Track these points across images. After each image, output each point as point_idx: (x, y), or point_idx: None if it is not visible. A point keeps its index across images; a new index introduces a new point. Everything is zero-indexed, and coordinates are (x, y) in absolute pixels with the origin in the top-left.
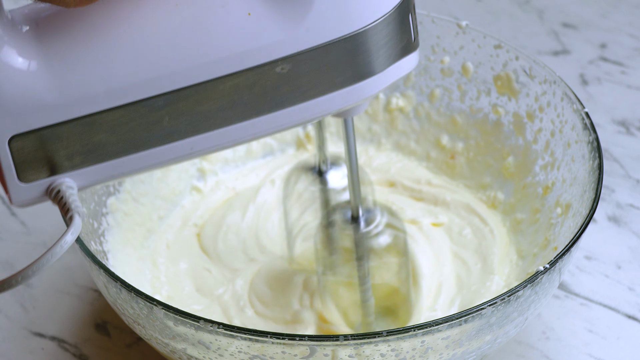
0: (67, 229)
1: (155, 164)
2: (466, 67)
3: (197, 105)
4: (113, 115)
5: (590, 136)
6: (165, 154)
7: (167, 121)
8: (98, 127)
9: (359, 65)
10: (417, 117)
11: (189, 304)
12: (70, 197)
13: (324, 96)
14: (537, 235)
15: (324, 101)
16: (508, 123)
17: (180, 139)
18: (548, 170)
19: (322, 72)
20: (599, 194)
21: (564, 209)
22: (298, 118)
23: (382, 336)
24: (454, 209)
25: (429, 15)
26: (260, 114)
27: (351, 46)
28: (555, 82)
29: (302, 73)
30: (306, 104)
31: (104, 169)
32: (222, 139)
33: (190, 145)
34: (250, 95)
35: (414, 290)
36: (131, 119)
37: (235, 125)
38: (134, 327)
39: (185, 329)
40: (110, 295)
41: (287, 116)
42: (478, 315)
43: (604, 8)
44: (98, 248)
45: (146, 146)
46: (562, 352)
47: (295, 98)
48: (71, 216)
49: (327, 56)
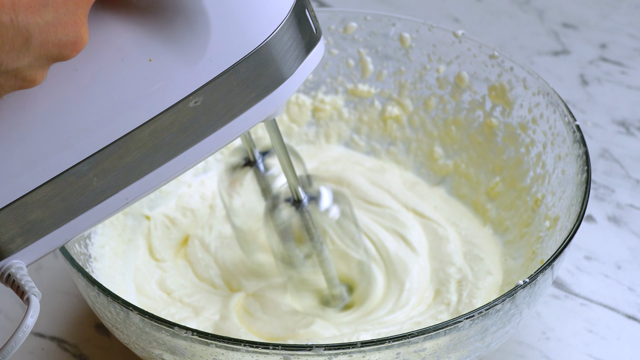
0: (27, 313)
1: (94, 222)
2: (461, 77)
3: (122, 160)
4: (43, 191)
5: (580, 149)
6: (102, 211)
7: (97, 182)
8: (31, 206)
9: (269, 76)
10: (412, 126)
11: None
12: (23, 279)
13: (243, 113)
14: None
15: (244, 118)
16: (501, 134)
17: (113, 194)
18: (539, 183)
19: (235, 94)
20: (585, 209)
21: (552, 222)
22: (223, 140)
23: (357, 347)
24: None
25: (425, 24)
26: (186, 148)
27: (257, 61)
28: (549, 94)
29: (215, 100)
30: (227, 126)
31: (47, 241)
32: (154, 182)
33: (124, 196)
34: (170, 135)
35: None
36: (61, 190)
37: (164, 165)
38: (113, 331)
39: (161, 335)
40: (90, 299)
41: (212, 142)
42: (455, 328)
43: (604, 8)
44: (82, 251)
45: (82, 210)
46: (562, 352)
47: (215, 124)
48: (28, 298)
49: (236, 77)
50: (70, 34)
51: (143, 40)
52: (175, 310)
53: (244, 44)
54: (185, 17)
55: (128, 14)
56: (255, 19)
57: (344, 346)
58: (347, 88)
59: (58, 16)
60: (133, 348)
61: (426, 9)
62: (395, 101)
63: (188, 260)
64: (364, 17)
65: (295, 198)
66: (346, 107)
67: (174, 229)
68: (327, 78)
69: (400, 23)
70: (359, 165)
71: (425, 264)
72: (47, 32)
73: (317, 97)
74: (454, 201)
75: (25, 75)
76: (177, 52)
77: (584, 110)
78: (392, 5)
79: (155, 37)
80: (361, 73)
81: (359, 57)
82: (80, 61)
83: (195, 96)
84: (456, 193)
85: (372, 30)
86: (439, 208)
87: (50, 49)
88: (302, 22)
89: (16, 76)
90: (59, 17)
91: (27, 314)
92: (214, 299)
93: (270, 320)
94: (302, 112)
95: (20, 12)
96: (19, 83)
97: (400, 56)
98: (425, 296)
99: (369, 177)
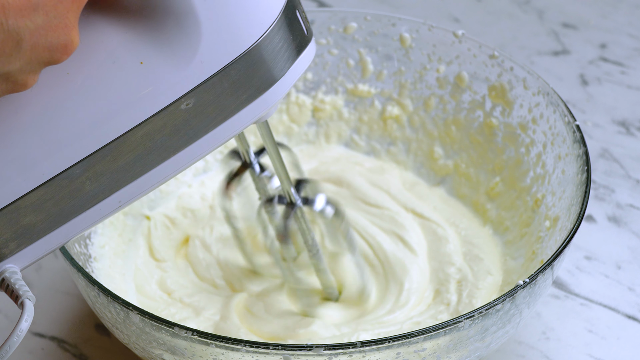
0: (21, 317)
1: (88, 226)
2: (461, 77)
3: (114, 163)
4: (35, 195)
5: (580, 149)
6: (95, 215)
7: (89, 185)
8: (24, 210)
9: (260, 77)
10: (412, 126)
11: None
12: (17, 283)
13: (235, 115)
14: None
15: (236, 120)
16: (501, 134)
17: (106, 197)
18: (539, 183)
19: (227, 95)
20: (585, 209)
21: (552, 222)
22: (216, 142)
23: (357, 347)
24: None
25: (425, 24)
26: (178, 150)
27: (248, 63)
28: (549, 94)
29: (207, 102)
30: (219, 128)
31: (40, 245)
32: (147, 184)
33: (117, 199)
34: (163, 137)
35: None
36: (54, 193)
37: (156, 168)
38: (113, 331)
39: (161, 335)
40: (90, 299)
41: (205, 143)
42: (455, 328)
43: (604, 8)
44: (82, 250)
45: (75, 213)
46: (562, 352)
47: (207, 126)
48: (22, 302)
49: (227, 79)
50: (61, 38)
51: (134, 43)
52: (175, 311)
53: (235, 45)
54: (176, 19)
55: (119, 17)
56: (246, 20)
57: (344, 346)
58: (347, 88)
59: (49, 19)
60: (133, 348)
61: (426, 9)
62: (395, 101)
63: (189, 260)
64: (364, 17)
65: (288, 200)
66: (346, 107)
67: (174, 229)
68: (327, 78)
69: (400, 23)
70: (358, 165)
71: (424, 264)
72: (37, 36)
73: (317, 97)
74: (453, 201)
75: (17, 79)
76: (168, 54)
77: (584, 110)
78: (392, 5)
79: (146, 40)
80: (361, 73)
81: (359, 57)
82: (72, 64)
83: (187, 98)
84: (456, 193)
85: (372, 30)
86: (439, 208)
87: (41, 53)
88: (293, 23)
89: (7, 80)
90: (50, 21)
91: (22, 318)
92: (214, 299)
93: (272, 320)
94: (302, 112)
95: (10, 15)
96: (10, 87)
97: (400, 56)
98: (424, 296)
99: (368, 177)
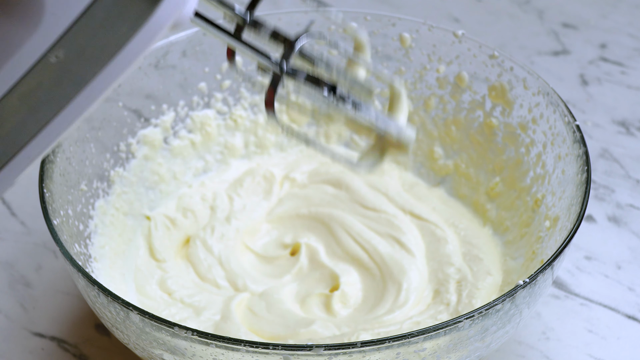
0: None
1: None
2: (461, 77)
3: (1, 129)
4: None
5: (580, 149)
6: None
7: None
8: None
9: (136, 5)
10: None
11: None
12: None
13: (121, 51)
14: (525, 248)
15: (124, 55)
16: (501, 134)
17: (10, 160)
18: (539, 183)
19: (103, 35)
20: (585, 209)
21: (552, 222)
22: (117, 73)
23: (357, 347)
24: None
25: (425, 24)
26: (73, 97)
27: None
28: (549, 94)
29: (82, 47)
30: (113, 62)
31: None
32: (53, 135)
33: (26, 155)
34: (45, 92)
35: None
36: None
37: (57, 118)
38: (113, 331)
39: (161, 335)
40: (90, 299)
41: (104, 79)
42: (455, 328)
43: (604, 8)
44: (82, 250)
45: None
46: (562, 352)
47: (96, 67)
48: None
49: (94, 20)
50: None
51: None
52: (175, 311)
53: None
54: None
55: None
56: None
57: (344, 346)
58: None
59: None
60: (133, 348)
61: (426, 9)
62: None
63: (190, 261)
64: (364, 17)
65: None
66: None
67: (175, 230)
68: None
69: (400, 23)
70: None
71: (423, 265)
72: None
73: None
74: (453, 201)
75: None
76: (14, 17)
77: (584, 110)
78: (392, 5)
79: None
80: None
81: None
82: None
83: (53, 52)
84: (456, 193)
85: (372, 30)
86: (438, 209)
87: None
88: None
89: None
90: None
91: None
92: (215, 300)
93: (273, 320)
94: (302, 112)
95: None
96: None
97: (400, 56)
98: (423, 296)
99: (367, 179)
